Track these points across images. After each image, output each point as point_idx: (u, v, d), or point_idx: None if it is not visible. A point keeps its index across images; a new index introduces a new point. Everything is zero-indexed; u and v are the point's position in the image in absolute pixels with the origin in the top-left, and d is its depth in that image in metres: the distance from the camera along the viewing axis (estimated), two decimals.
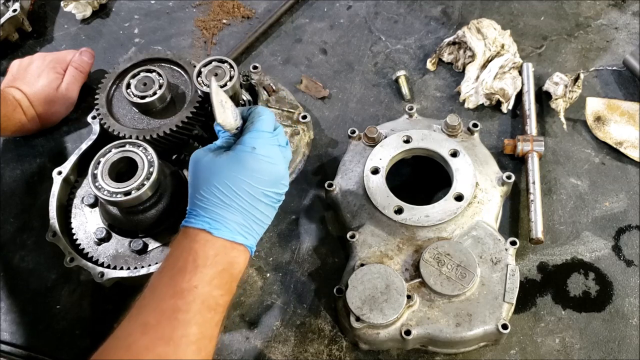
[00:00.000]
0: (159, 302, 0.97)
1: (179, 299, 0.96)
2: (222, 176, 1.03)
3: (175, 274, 0.99)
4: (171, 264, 1.01)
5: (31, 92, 1.46)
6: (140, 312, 0.96)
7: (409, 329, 1.12)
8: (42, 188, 1.45)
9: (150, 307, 0.96)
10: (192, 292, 0.97)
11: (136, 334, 0.93)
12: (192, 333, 0.94)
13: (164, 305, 0.96)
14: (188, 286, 0.97)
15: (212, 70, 1.26)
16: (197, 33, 1.68)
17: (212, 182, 1.03)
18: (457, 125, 1.30)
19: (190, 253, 1.00)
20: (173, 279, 0.98)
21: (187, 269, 0.99)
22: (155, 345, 0.92)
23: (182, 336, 0.93)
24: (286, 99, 1.44)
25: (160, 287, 0.99)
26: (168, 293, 0.97)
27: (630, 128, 1.41)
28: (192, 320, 0.95)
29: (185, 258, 1.00)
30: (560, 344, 1.21)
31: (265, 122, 1.09)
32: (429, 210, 1.22)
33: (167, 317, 0.94)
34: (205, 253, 1.01)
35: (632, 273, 1.27)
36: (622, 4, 1.62)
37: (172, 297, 0.96)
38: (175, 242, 1.05)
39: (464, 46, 1.52)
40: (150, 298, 0.98)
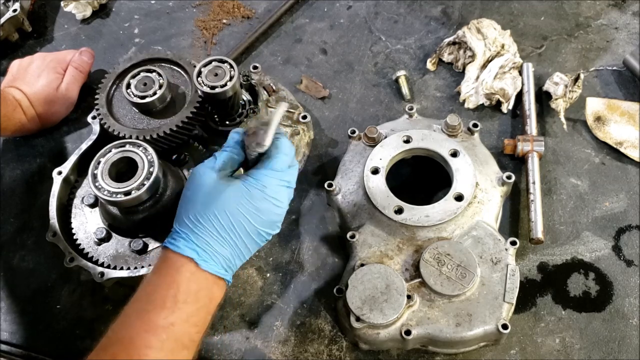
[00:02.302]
0: (132, 336, 0.93)
1: (153, 335, 0.93)
2: (225, 206, 1.00)
3: (152, 309, 0.95)
4: (149, 294, 0.97)
5: (31, 92, 1.46)
6: (111, 344, 0.93)
7: (409, 329, 1.12)
8: (42, 188, 1.45)
9: (121, 341, 0.93)
10: (167, 330, 0.94)
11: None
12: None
13: (137, 340, 0.92)
14: (164, 323, 0.94)
15: (212, 70, 1.26)
16: (197, 33, 1.68)
17: (212, 208, 1.00)
18: (457, 125, 1.30)
19: (172, 286, 0.96)
20: (149, 314, 0.95)
21: (165, 305, 0.95)
22: None
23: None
24: (286, 99, 1.44)
25: (134, 319, 0.95)
26: (142, 327, 0.93)
27: (630, 128, 1.41)
28: (154, 356, 0.92)
29: (165, 291, 0.96)
30: (560, 344, 1.21)
31: (283, 160, 1.05)
32: (429, 210, 1.22)
33: (137, 353, 0.91)
34: (187, 288, 0.97)
35: (632, 273, 1.27)
36: (622, 4, 1.62)
37: (146, 332, 0.93)
38: (156, 268, 1.01)
39: (464, 46, 1.52)
40: (123, 329, 0.94)
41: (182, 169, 1.30)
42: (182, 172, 1.29)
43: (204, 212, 1.00)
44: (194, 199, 1.01)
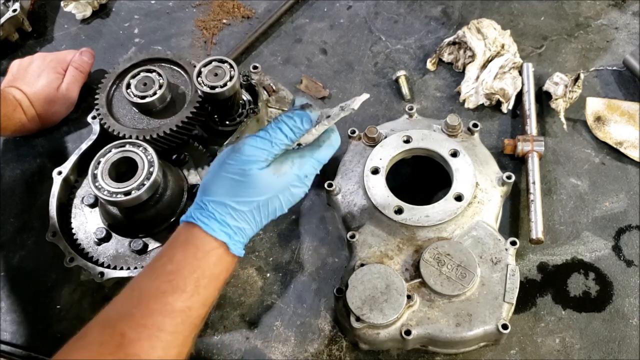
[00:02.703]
0: (146, 316, 0.90)
1: (169, 318, 0.91)
2: (271, 194, 0.99)
3: (171, 291, 0.92)
4: (170, 273, 0.94)
5: (31, 92, 1.46)
6: (122, 320, 0.90)
7: (409, 329, 1.12)
8: (42, 188, 1.45)
9: (134, 318, 0.90)
10: (184, 314, 0.93)
11: (111, 345, 0.87)
12: (171, 355, 0.90)
13: (149, 321, 0.90)
14: (182, 307, 0.92)
15: (212, 70, 1.26)
16: (197, 33, 1.68)
17: (258, 199, 0.98)
18: (457, 125, 1.30)
19: (196, 270, 0.94)
20: (167, 296, 0.92)
21: (186, 289, 0.93)
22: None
23: (158, 358, 0.88)
24: (286, 99, 1.44)
25: (150, 298, 0.92)
26: (158, 309, 0.91)
27: (630, 128, 1.41)
28: (175, 342, 0.91)
29: (188, 274, 0.94)
30: (560, 344, 1.21)
31: (329, 154, 1.06)
32: (429, 210, 1.22)
33: (148, 334, 0.89)
34: (212, 273, 0.96)
35: (632, 273, 1.27)
36: (622, 4, 1.62)
37: (161, 315, 0.90)
38: (180, 244, 0.97)
39: (464, 46, 1.52)
40: (137, 305, 0.91)
41: (182, 169, 1.30)
42: (182, 172, 1.29)
43: (249, 198, 0.98)
44: (241, 183, 0.97)
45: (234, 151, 1.00)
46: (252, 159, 0.99)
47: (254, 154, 0.99)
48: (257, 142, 1.00)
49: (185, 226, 0.99)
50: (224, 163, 1.00)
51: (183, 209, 1.25)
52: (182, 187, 1.26)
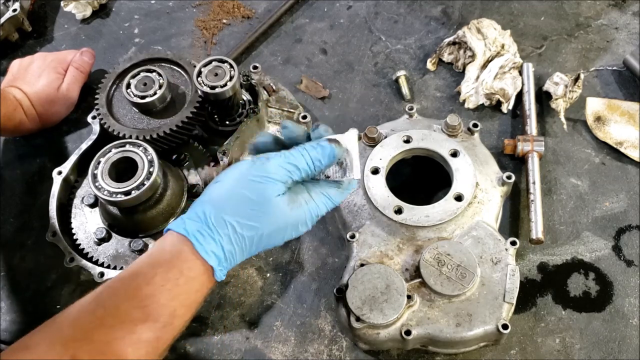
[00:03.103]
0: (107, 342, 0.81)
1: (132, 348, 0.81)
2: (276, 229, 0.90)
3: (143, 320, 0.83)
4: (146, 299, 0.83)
5: (32, 92, 1.46)
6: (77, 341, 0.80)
7: (409, 329, 1.12)
8: (42, 188, 1.45)
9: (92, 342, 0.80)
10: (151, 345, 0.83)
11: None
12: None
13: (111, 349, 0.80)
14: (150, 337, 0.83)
15: (212, 70, 1.26)
16: (197, 33, 1.68)
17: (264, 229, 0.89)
18: (457, 125, 1.30)
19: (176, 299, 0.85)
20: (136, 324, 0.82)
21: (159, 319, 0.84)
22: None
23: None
24: (286, 99, 1.44)
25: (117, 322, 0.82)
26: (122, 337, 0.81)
27: (630, 128, 1.41)
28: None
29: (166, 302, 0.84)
30: (561, 344, 1.21)
31: (346, 195, 1.00)
32: (429, 210, 1.22)
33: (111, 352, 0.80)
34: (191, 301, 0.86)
35: (632, 273, 1.27)
36: (622, 4, 1.62)
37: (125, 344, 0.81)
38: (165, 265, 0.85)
39: (464, 46, 1.52)
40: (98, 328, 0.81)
41: (182, 169, 1.30)
42: (182, 172, 1.29)
43: (256, 224, 0.88)
44: (255, 205, 0.88)
45: (257, 165, 0.90)
46: (275, 178, 0.90)
47: (277, 174, 0.90)
48: (283, 161, 0.92)
49: (174, 239, 0.88)
50: (243, 177, 0.90)
51: (183, 209, 1.25)
52: (182, 187, 1.26)
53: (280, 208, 0.90)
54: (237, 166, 0.93)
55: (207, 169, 1.30)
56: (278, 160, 0.91)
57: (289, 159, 0.92)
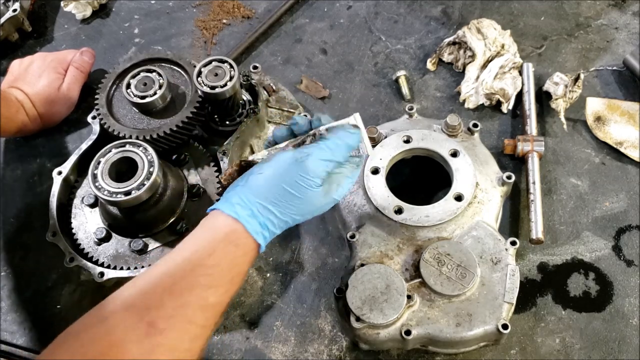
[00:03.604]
0: (178, 307, 0.89)
1: (201, 311, 0.91)
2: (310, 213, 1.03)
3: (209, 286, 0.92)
4: (210, 268, 0.93)
5: (32, 92, 1.46)
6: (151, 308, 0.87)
7: (409, 329, 1.12)
8: (42, 188, 1.45)
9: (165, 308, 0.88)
10: (215, 309, 0.94)
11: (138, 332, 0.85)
12: (196, 347, 0.90)
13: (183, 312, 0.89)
14: (215, 302, 0.93)
15: (212, 70, 1.26)
16: (197, 33, 1.68)
17: (301, 215, 1.02)
18: (457, 125, 1.30)
19: (234, 269, 0.96)
20: (204, 290, 0.91)
21: (222, 285, 0.94)
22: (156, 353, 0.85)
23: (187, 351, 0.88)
24: (286, 99, 1.44)
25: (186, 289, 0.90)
26: (192, 301, 0.90)
27: (630, 128, 1.41)
28: (203, 335, 0.91)
29: (227, 271, 0.95)
30: (561, 344, 1.21)
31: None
32: (429, 210, 1.22)
33: (179, 326, 0.88)
34: (244, 271, 0.98)
35: (632, 273, 1.27)
36: (622, 4, 1.62)
37: (194, 308, 0.90)
38: (223, 241, 0.96)
39: (464, 46, 1.52)
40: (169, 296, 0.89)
41: (182, 169, 1.30)
42: (182, 172, 1.29)
43: (295, 212, 1.01)
44: (296, 199, 0.99)
45: (298, 163, 0.99)
46: (316, 174, 1.00)
47: (317, 170, 1.00)
48: (322, 157, 1.01)
49: (228, 220, 0.98)
50: (286, 174, 0.99)
51: (183, 209, 1.25)
52: (182, 187, 1.26)
53: (317, 199, 1.01)
54: (280, 160, 1.01)
55: (207, 169, 1.30)
56: (317, 157, 1.00)
57: (327, 153, 1.01)
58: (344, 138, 1.03)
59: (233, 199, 0.99)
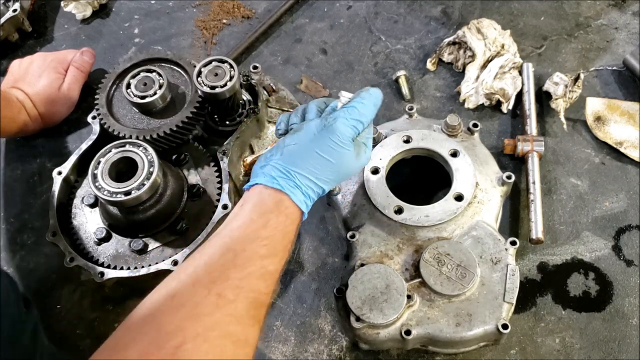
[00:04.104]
0: (242, 278, 0.93)
1: (263, 280, 0.95)
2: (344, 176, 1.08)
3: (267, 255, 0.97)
4: (266, 238, 0.97)
5: (33, 92, 1.46)
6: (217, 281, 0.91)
7: (409, 329, 1.12)
8: (42, 188, 1.45)
9: (230, 279, 0.92)
10: (274, 277, 0.98)
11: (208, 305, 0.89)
12: (261, 314, 0.94)
13: (247, 282, 0.93)
14: (273, 270, 0.97)
15: (212, 70, 1.26)
16: (197, 33, 1.68)
17: (337, 179, 1.06)
18: (457, 125, 1.30)
19: (286, 237, 1.00)
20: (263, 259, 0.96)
21: (278, 254, 0.99)
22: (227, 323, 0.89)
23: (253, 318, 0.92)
24: (286, 99, 1.44)
25: (247, 260, 0.95)
26: (254, 271, 0.94)
27: (630, 128, 1.41)
28: (265, 301, 0.95)
29: (281, 240, 0.99)
30: (560, 343, 1.21)
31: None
32: (429, 210, 1.22)
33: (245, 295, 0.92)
34: (294, 239, 1.02)
35: (632, 273, 1.27)
36: (622, 4, 1.62)
37: (257, 277, 0.94)
38: (273, 211, 1.00)
39: (464, 46, 1.52)
40: (232, 267, 0.93)
41: (182, 169, 1.30)
42: (182, 172, 1.29)
43: (331, 177, 1.04)
44: (331, 165, 1.03)
45: (327, 128, 1.03)
46: (345, 136, 1.03)
47: (346, 132, 1.03)
48: (350, 119, 1.04)
49: (273, 192, 1.01)
50: (316, 139, 1.03)
51: (183, 208, 1.25)
52: (182, 187, 1.26)
53: (349, 162, 1.05)
54: (309, 128, 1.05)
55: (207, 169, 1.30)
56: (344, 120, 1.04)
57: (353, 114, 1.05)
58: (367, 98, 1.08)
59: (273, 172, 1.02)
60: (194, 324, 0.86)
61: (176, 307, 0.88)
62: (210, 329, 0.86)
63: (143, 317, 0.87)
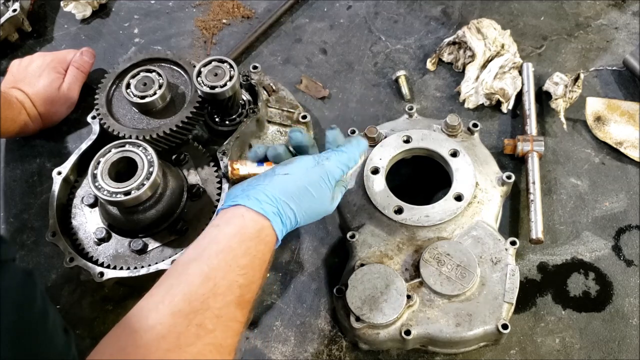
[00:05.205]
0: (222, 307, 0.93)
1: (240, 308, 0.95)
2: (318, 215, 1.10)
3: (246, 284, 0.97)
4: (245, 267, 0.97)
5: (33, 92, 1.46)
6: (197, 312, 0.91)
7: (409, 329, 1.12)
8: (41, 188, 1.45)
9: (210, 310, 0.92)
10: (251, 304, 0.98)
11: (189, 336, 0.89)
12: (237, 340, 0.95)
13: (226, 312, 0.93)
14: (250, 298, 0.98)
15: (212, 70, 1.26)
16: (197, 33, 1.68)
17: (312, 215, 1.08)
18: (457, 125, 1.30)
19: (263, 265, 1.01)
20: (242, 289, 0.96)
21: (256, 282, 0.99)
22: (207, 352, 0.89)
23: (230, 346, 0.93)
24: (286, 99, 1.44)
25: (227, 290, 0.95)
26: (233, 301, 0.94)
27: (630, 128, 1.41)
28: (241, 329, 0.95)
29: (259, 268, 1.00)
30: (560, 344, 1.21)
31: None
32: (429, 210, 1.22)
33: (224, 325, 0.92)
34: (269, 259, 1.03)
35: (632, 273, 1.27)
36: (622, 4, 1.62)
37: (235, 306, 0.94)
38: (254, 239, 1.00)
39: (464, 46, 1.52)
40: (213, 297, 0.93)
41: (182, 169, 1.30)
42: (182, 172, 1.29)
43: (308, 212, 1.06)
44: (314, 200, 1.06)
45: (320, 166, 1.07)
46: (333, 176, 1.08)
47: (335, 172, 1.08)
48: (341, 162, 1.09)
49: (256, 217, 1.01)
50: (309, 173, 1.06)
51: (183, 208, 1.25)
52: (182, 187, 1.26)
53: (326, 203, 1.09)
54: (302, 162, 1.08)
55: (207, 169, 1.30)
56: (336, 161, 1.09)
57: (343, 158, 1.10)
58: (356, 146, 1.13)
59: (259, 197, 1.02)
60: (176, 355, 0.86)
61: (157, 339, 0.87)
62: (192, 358, 0.87)
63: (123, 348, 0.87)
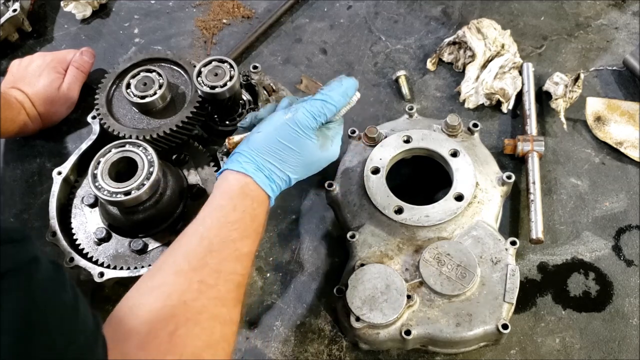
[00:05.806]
0: (219, 262, 0.98)
1: (239, 262, 1.00)
2: (311, 167, 1.13)
3: (239, 238, 1.02)
4: (234, 222, 1.02)
5: (32, 92, 1.46)
6: (197, 270, 0.96)
7: (409, 329, 1.12)
8: (42, 188, 1.45)
9: (208, 266, 0.97)
10: (249, 257, 1.03)
11: (192, 292, 0.94)
12: (241, 293, 1.00)
13: (224, 266, 0.98)
14: (247, 251, 1.03)
15: (212, 70, 1.26)
16: (197, 33, 1.68)
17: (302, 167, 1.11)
18: (457, 125, 1.30)
19: (255, 219, 1.05)
20: (236, 243, 1.01)
21: (250, 236, 1.03)
22: (212, 305, 0.94)
23: (234, 299, 0.98)
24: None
25: (222, 245, 1.00)
26: (229, 255, 1.00)
27: (630, 128, 1.41)
28: (244, 281, 1.01)
29: (250, 222, 1.04)
30: (561, 344, 1.21)
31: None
32: (429, 210, 1.22)
33: (224, 279, 0.97)
34: (264, 221, 1.07)
35: (632, 273, 1.27)
36: (622, 4, 1.62)
37: (233, 260, 0.99)
38: (239, 195, 1.05)
39: (464, 46, 1.52)
40: (209, 254, 0.98)
41: (182, 169, 1.30)
42: (182, 172, 1.29)
43: (294, 164, 1.10)
44: (292, 151, 1.09)
45: (290, 118, 1.09)
46: (306, 126, 1.09)
47: (307, 122, 1.09)
48: (310, 109, 1.10)
49: (238, 176, 1.07)
50: (279, 128, 1.09)
51: (183, 208, 1.25)
52: (182, 187, 1.26)
53: (314, 153, 1.11)
54: (273, 117, 1.12)
55: (207, 169, 1.30)
56: (304, 110, 1.10)
57: (315, 106, 1.11)
58: (336, 88, 1.14)
59: (239, 158, 1.08)
60: (183, 310, 0.91)
61: (163, 298, 0.93)
62: (198, 312, 0.92)
63: (129, 308, 0.93)
